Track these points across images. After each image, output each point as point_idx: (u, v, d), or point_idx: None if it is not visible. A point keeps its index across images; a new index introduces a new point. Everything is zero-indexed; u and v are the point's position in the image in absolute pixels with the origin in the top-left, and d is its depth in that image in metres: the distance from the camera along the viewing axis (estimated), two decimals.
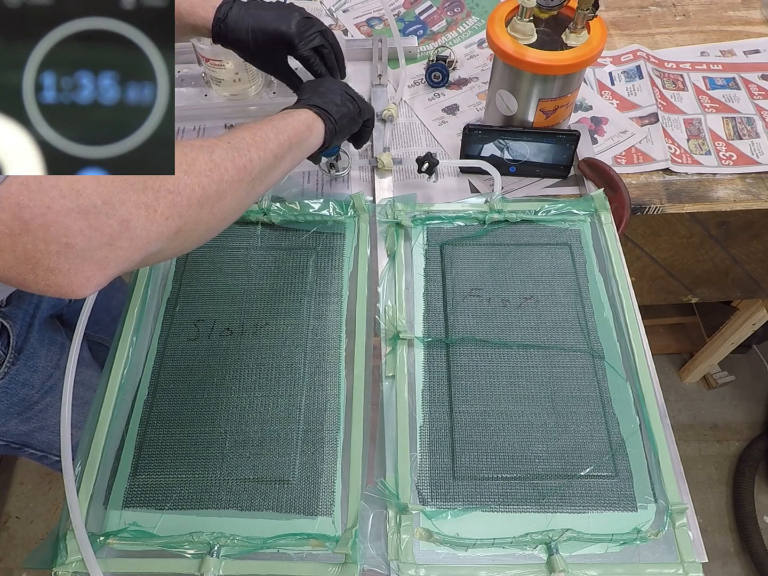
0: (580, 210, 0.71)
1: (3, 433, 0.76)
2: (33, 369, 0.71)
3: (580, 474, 0.54)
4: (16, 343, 0.69)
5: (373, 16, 1.02)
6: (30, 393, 0.72)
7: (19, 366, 0.70)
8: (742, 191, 0.78)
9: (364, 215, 0.71)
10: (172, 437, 0.57)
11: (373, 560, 0.50)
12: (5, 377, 0.68)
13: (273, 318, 0.64)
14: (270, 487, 0.54)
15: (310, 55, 0.67)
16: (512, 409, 0.58)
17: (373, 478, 0.54)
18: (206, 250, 0.69)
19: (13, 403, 0.71)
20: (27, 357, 0.71)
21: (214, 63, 0.80)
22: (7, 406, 0.71)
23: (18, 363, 0.69)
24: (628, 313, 0.63)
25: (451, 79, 0.91)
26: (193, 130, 0.86)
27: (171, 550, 0.50)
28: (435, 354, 0.62)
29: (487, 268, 0.67)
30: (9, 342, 0.68)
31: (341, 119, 0.61)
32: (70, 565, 0.49)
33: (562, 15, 0.71)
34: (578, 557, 0.50)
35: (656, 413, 0.56)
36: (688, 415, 1.63)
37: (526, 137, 0.74)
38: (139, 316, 0.64)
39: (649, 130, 0.84)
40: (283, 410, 0.58)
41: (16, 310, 0.70)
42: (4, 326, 0.68)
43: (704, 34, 0.98)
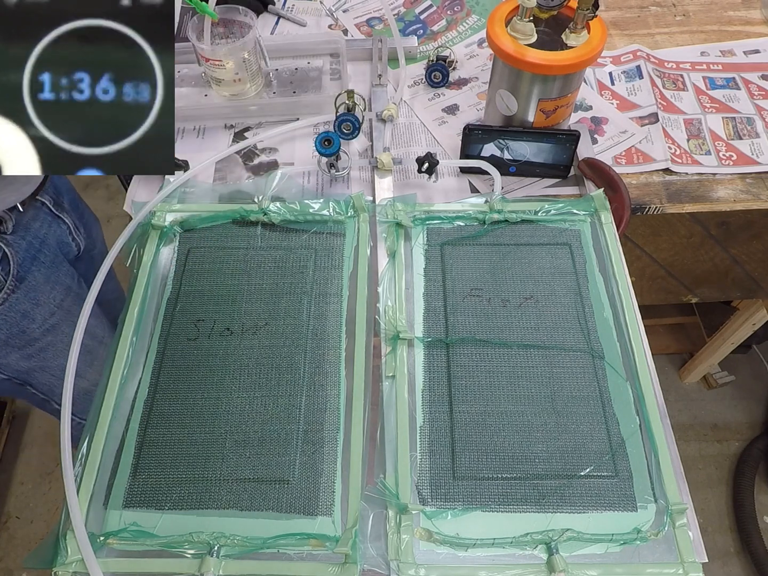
0: (580, 210, 0.71)
1: (4, 366, 0.76)
2: (34, 302, 0.71)
3: (580, 474, 0.54)
4: (17, 272, 0.69)
5: (373, 16, 1.02)
6: (30, 327, 0.72)
7: (19, 295, 0.69)
8: (742, 191, 0.78)
9: (364, 215, 0.71)
10: (172, 437, 0.57)
11: (373, 560, 0.49)
12: (4, 303, 0.68)
13: (273, 318, 0.64)
14: (270, 487, 0.54)
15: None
16: (512, 409, 0.58)
17: (373, 478, 0.54)
18: (206, 250, 0.69)
19: (12, 333, 0.71)
20: (28, 288, 0.70)
21: (214, 63, 0.80)
22: (7, 336, 0.71)
23: (18, 292, 0.69)
24: (628, 313, 0.63)
25: (451, 79, 0.91)
26: (193, 130, 0.86)
27: (171, 550, 0.50)
28: (435, 354, 0.62)
29: (487, 268, 0.67)
30: (10, 270, 0.68)
31: None
32: (70, 565, 0.49)
33: (562, 15, 0.71)
34: (578, 557, 0.50)
35: (656, 413, 0.56)
36: (688, 415, 1.63)
37: (526, 137, 0.74)
38: (139, 316, 0.64)
39: (649, 130, 0.84)
40: (283, 410, 0.58)
41: (20, 240, 0.70)
42: (5, 253, 0.67)
43: (704, 34, 0.98)
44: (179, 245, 0.70)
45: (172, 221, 0.71)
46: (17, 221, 0.70)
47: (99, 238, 1.01)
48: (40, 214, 0.79)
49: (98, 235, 1.01)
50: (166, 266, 0.68)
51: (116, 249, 0.63)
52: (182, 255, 0.69)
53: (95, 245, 0.98)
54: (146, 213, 0.68)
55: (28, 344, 0.75)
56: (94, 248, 0.98)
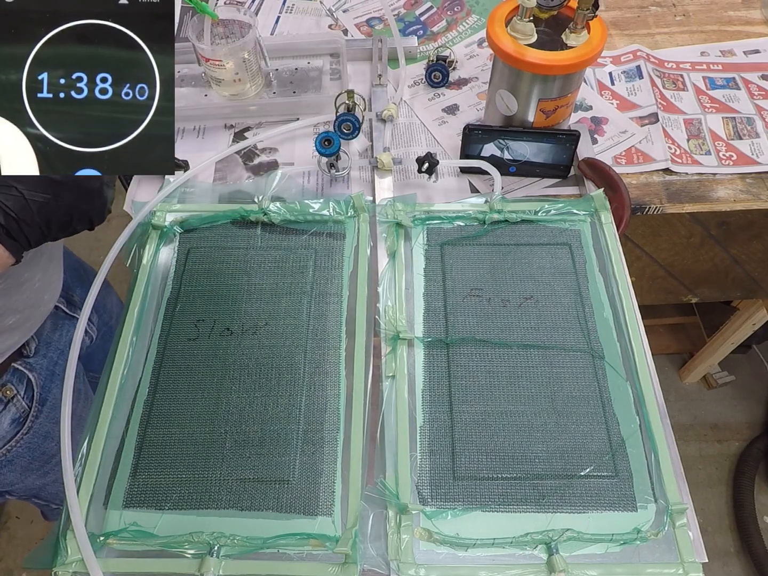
0: (580, 210, 0.71)
1: (19, 489, 0.72)
2: (55, 420, 0.67)
3: (580, 474, 0.54)
4: (40, 395, 0.65)
5: (373, 16, 1.02)
6: (51, 446, 0.69)
7: (42, 419, 0.66)
8: (742, 191, 0.78)
9: (364, 215, 0.71)
10: (172, 437, 0.57)
11: (373, 560, 0.49)
12: (29, 432, 0.65)
13: (273, 318, 0.64)
14: (270, 487, 0.54)
15: None
16: (512, 409, 0.58)
17: (373, 478, 0.54)
18: (206, 250, 0.69)
19: (34, 458, 0.68)
20: (50, 408, 0.67)
21: (214, 63, 0.80)
22: (29, 462, 0.67)
23: (41, 416, 0.66)
24: (628, 313, 0.63)
25: (451, 79, 0.91)
26: (193, 130, 0.86)
27: (171, 550, 0.50)
28: (435, 354, 0.62)
29: (487, 268, 0.67)
30: (33, 395, 0.64)
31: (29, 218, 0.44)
32: (70, 565, 0.49)
33: (562, 15, 0.71)
34: (578, 557, 0.50)
35: (656, 413, 0.56)
36: (688, 415, 1.63)
37: (526, 137, 0.74)
38: (139, 316, 0.64)
39: (649, 130, 0.84)
40: (283, 410, 0.58)
41: (42, 359, 0.67)
42: (29, 379, 0.64)
43: (704, 34, 0.98)
44: (179, 245, 0.70)
45: (172, 221, 0.71)
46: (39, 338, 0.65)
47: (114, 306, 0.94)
48: (57, 322, 0.73)
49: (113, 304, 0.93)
50: (166, 266, 0.68)
51: (116, 249, 0.63)
52: (182, 255, 0.69)
53: (111, 316, 0.92)
54: (146, 213, 0.68)
55: (47, 462, 0.70)
56: (111, 319, 0.92)
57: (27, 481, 0.71)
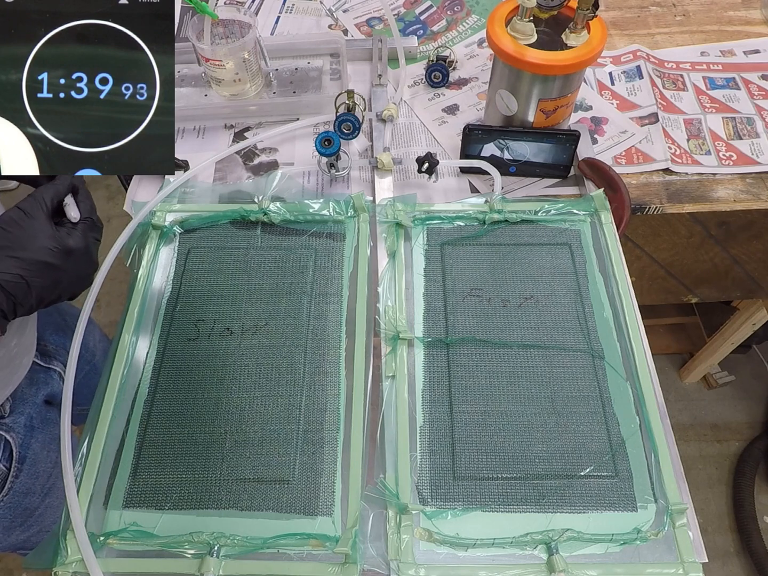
0: (580, 210, 0.71)
1: (3, 547, 0.71)
2: (35, 476, 0.67)
3: (580, 474, 0.54)
4: (19, 453, 0.64)
5: (373, 16, 1.02)
6: (32, 501, 0.67)
7: (23, 477, 0.65)
8: (742, 191, 0.78)
9: (364, 215, 0.71)
10: (172, 437, 0.57)
11: (373, 560, 0.49)
12: (9, 492, 0.64)
13: (273, 318, 0.64)
14: (270, 487, 0.54)
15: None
16: (512, 409, 0.58)
17: (373, 478, 0.54)
18: (206, 250, 0.69)
19: (16, 515, 0.67)
20: (29, 465, 0.66)
21: (214, 63, 0.80)
22: (10, 521, 0.67)
23: (21, 474, 0.65)
24: (628, 313, 0.63)
25: (451, 79, 0.91)
26: (193, 130, 0.86)
27: (171, 550, 0.50)
28: (435, 354, 0.62)
29: (487, 268, 0.67)
30: (11, 455, 0.63)
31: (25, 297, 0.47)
32: (70, 565, 0.49)
33: (562, 15, 0.71)
34: (578, 557, 0.50)
35: (656, 413, 0.56)
36: (688, 415, 1.63)
37: (526, 137, 0.74)
38: (139, 316, 0.64)
39: (649, 130, 0.84)
40: (283, 410, 0.58)
41: (19, 416, 0.65)
42: (6, 440, 0.63)
43: (704, 34, 0.98)
44: (179, 245, 0.70)
45: (172, 221, 0.71)
46: (14, 397, 0.64)
47: (97, 343, 0.90)
48: (32, 376, 0.70)
49: (95, 342, 0.90)
50: (166, 266, 0.68)
51: (116, 249, 0.63)
52: (182, 255, 0.69)
53: (94, 354, 0.88)
54: (146, 213, 0.68)
55: (29, 517, 0.69)
56: (94, 357, 0.88)
57: (10, 539, 0.70)
